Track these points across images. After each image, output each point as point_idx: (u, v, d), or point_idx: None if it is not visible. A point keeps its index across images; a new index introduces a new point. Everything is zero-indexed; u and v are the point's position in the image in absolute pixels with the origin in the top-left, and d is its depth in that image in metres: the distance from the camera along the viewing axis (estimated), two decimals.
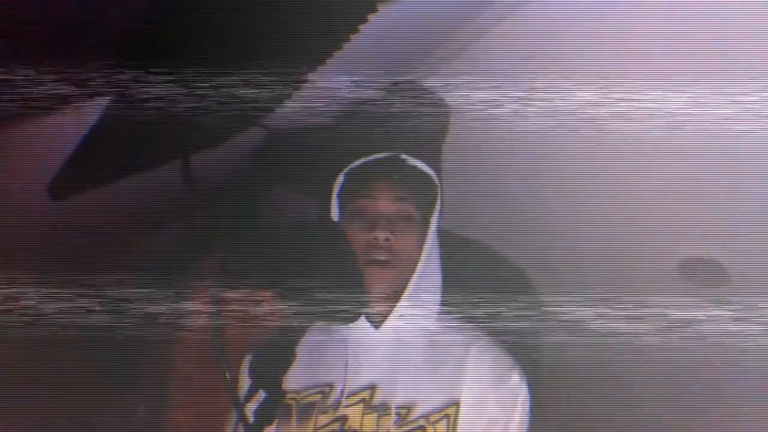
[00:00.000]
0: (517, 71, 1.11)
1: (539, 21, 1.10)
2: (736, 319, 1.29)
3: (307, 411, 1.05)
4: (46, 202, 1.02)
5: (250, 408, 0.91)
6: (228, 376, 0.95)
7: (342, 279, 0.99)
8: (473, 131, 1.26)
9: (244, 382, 0.96)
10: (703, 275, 1.43)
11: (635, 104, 1.05)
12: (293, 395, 1.07)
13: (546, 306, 1.39)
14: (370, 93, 1.15)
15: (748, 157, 1.15)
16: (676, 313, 1.33)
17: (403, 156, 1.15)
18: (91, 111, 0.88)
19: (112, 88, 0.82)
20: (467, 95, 1.14)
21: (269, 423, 0.93)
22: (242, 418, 0.89)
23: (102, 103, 0.87)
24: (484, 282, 1.17)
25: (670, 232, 1.37)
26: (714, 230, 1.33)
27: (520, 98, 1.08)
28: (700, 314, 1.32)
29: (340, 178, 1.16)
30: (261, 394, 0.92)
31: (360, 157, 1.15)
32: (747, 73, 1.00)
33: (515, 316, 1.20)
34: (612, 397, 1.67)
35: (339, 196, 1.15)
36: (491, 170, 1.40)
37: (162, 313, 1.10)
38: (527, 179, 1.38)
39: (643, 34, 1.05)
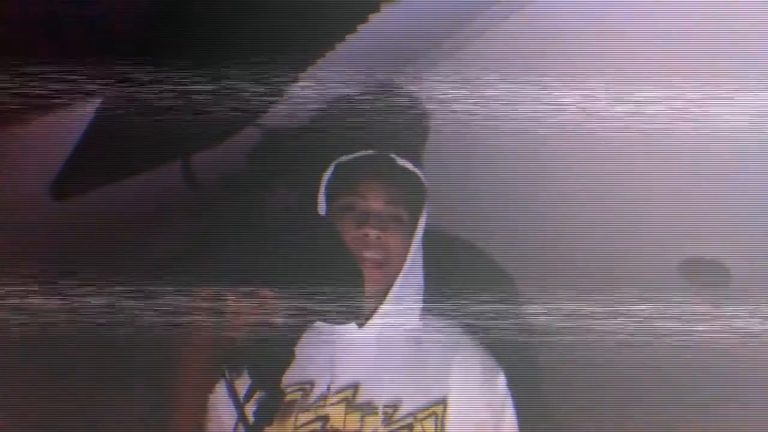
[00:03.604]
0: (516, 71, 1.11)
1: (539, 21, 1.10)
2: (738, 319, 1.29)
3: (287, 409, 1.03)
4: (47, 202, 1.02)
5: (250, 408, 0.91)
6: (228, 375, 0.95)
7: (343, 278, 0.99)
8: (472, 130, 1.27)
9: (244, 382, 0.96)
10: (704, 275, 1.43)
11: (636, 104, 1.05)
12: None
13: (544, 305, 1.39)
14: (361, 90, 1.16)
15: (749, 157, 1.14)
16: (676, 314, 1.33)
17: (392, 155, 1.15)
18: (91, 111, 0.88)
19: (111, 87, 0.83)
20: (463, 94, 1.14)
21: (269, 423, 0.93)
22: (242, 417, 0.89)
23: (101, 103, 0.87)
24: (473, 282, 1.17)
25: (671, 232, 1.37)
26: (715, 230, 1.32)
27: (519, 97, 1.08)
28: (701, 314, 1.32)
29: (329, 171, 1.16)
30: (260, 394, 0.92)
31: (349, 153, 1.15)
32: (747, 72, 1.00)
33: (501, 316, 1.20)
34: (611, 398, 1.67)
35: (327, 188, 1.15)
36: (490, 169, 1.40)
37: (162, 313, 1.10)
38: (526, 179, 1.38)
39: (643, 34, 1.05)
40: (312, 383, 1.05)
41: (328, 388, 1.03)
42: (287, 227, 1.05)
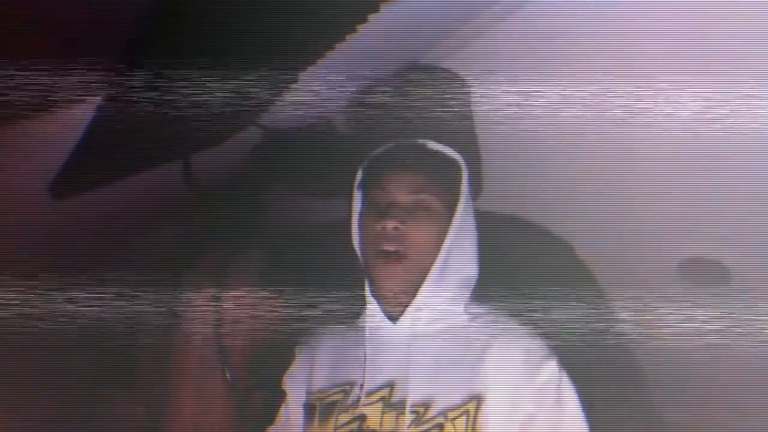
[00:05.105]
0: (516, 71, 1.12)
1: (539, 21, 1.10)
2: (737, 319, 1.29)
3: (328, 410, 1.02)
4: (47, 202, 1.02)
5: (251, 407, 0.91)
6: (228, 375, 0.95)
7: (341, 277, 0.99)
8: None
9: (245, 382, 0.96)
10: (704, 275, 1.43)
11: (635, 104, 1.05)
12: (318, 395, 1.04)
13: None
14: (369, 86, 1.14)
15: (749, 157, 1.14)
16: (676, 313, 1.32)
17: (421, 141, 1.09)
18: (91, 111, 0.88)
19: (111, 88, 0.83)
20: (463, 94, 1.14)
21: (270, 422, 0.93)
22: (243, 417, 0.89)
23: (102, 103, 0.87)
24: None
25: (671, 232, 1.37)
26: (714, 230, 1.32)
27: (519, 97, 1.08)
28: (700, 314, 1.32)
29: (360, 170, 1.12)
30: (261, 394, 0.92)
31: (373, 148, 1.11)
32: (747, 73, 1.00)
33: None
34: (611, 398, 1.67)
35: (359, 187, 1.11)
36: (490, 169, 1.40)
37: (162, 313, 1.10)
38: (524, 179, 1.38)
39: (643, 34, 1.05)
40: (352, 383, 1.02)
41: (360, 388, 1.01)
42: (287, 227, 1.05)
